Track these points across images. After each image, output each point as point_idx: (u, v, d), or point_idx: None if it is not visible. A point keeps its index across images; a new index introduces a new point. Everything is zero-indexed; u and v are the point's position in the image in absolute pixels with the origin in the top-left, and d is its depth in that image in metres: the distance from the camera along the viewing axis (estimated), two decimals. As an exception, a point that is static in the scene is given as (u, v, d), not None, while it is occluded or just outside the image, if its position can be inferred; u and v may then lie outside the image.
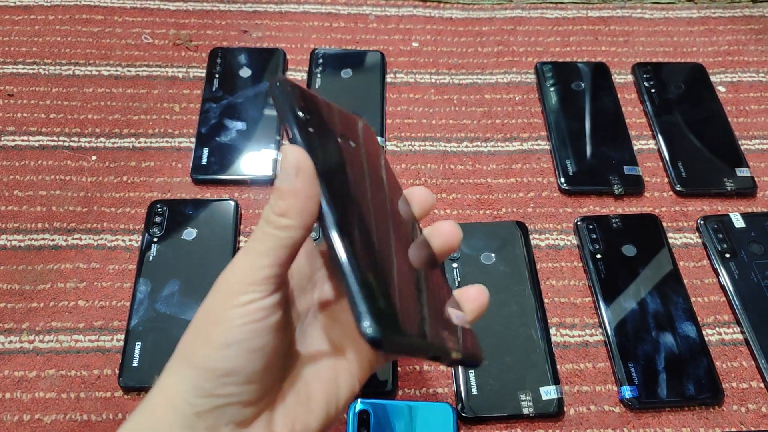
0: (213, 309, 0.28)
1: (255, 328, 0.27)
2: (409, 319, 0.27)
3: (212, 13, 0.71)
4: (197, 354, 0.28)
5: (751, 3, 0.76)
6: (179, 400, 0.28)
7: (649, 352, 0.50)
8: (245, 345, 0.27)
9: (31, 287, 0.52)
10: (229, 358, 0.27)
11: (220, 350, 0.27)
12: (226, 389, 0.27)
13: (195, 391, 0.27)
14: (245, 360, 0.27)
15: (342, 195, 0.28)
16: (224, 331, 0.27)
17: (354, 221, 0.28)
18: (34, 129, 0.61)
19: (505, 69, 0.68)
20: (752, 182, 0.60)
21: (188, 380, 0.28)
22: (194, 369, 0.28)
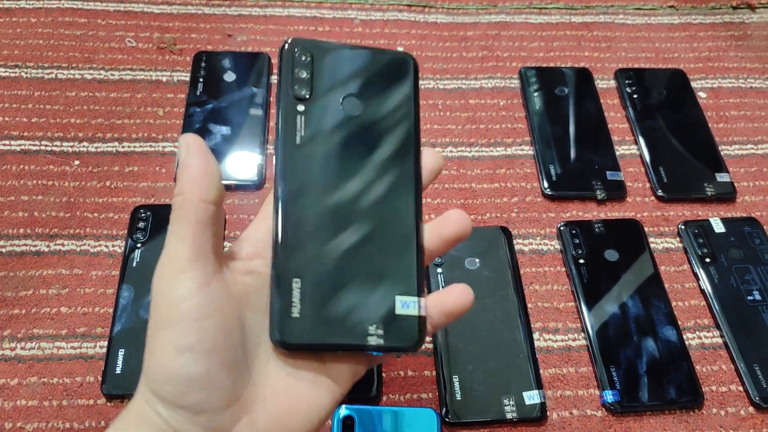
0: (156, 319, 0.27)
1: (205, 326, 0.26)
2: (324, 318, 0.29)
3: (196, 16, 0.71)
4: (154, 367, 0.27)
5: (731, 9, 0.77)
6: (151, 415, 0.27)
7: (631, 357, 0.50)
8: (198, 347, 0.26)
9: (13, 293, 0.51)
10: (185, 365, 0.26)
11: (174, 358, 0.26)
12: (192, 398, 0.26)
13: (163, 404, 0.27)
14: (202, 364, 0.26)
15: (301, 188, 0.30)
16: (173, 338, 0.26)
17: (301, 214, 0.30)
18: (15, 133, 0.60)
19: (489, 74, 0.69)
20: (732, 187, 0.61)
21: (154, 395, 0.27)
22: (156, 383, 0.27)
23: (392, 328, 0.29)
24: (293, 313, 0.29)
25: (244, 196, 0.58)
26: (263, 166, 0.59)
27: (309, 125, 0.31)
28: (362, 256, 0.30)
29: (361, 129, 0.32)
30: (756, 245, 0.57)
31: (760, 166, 0.63)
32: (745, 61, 0.72)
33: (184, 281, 0.27)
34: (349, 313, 0.29)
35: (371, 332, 0.29)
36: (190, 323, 0.26)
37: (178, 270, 0.27)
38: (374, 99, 0.32)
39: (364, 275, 0.30)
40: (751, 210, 0.60)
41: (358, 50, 0.33)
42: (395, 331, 0.30)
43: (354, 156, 0.31)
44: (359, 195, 0.31)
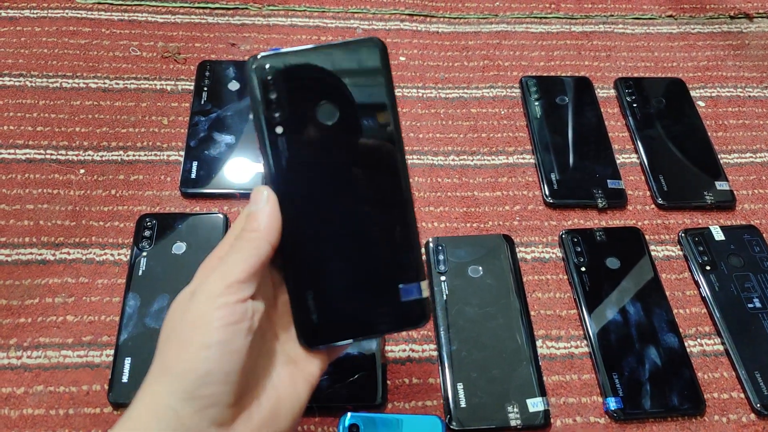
0: (192, 315, 0.30)
1: (233, 329, 0.30)
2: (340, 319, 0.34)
3: (200, 25, 0.71)
4: (178, 358, 0.30)
5: (729, 19, 0.78)
6: (162, 407, 0.29)
7: (633, 364, 0.51)
8: (224, 346, 0.29)
9: (19, 302, 0.51)
10: (209, 359, 0.29)
11: (201, 351, 0.29)
12: (208, 389, 0.29)
13: (177, 395, 0.29)
14: (224, 361, 0.29)
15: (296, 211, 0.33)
16: (204, 333, 0.29)
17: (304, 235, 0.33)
18: (20, 142, 0.60)
19: (490, 83, 0.69)
20: (731, 195, 0.61)
21: (170, 385, 0.29)
22: (175, 373, 0.29)
23: (399, 313, 0.34)
24: (313, 320, 0.33)
25: (249, 205, 0.58)
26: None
27: (290, 144, 0.32)
28: (362, 256, 0.33)
29: (341, 135, 0.33)
30: (756, 253, 0.57)
31: (759, 174, 0.64)
32: (743, 70, 0.73)
33: (228, 293, 0.30)
34: (360, 309, 0.34)
35: (382, 320, 0.34)
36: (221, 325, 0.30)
37: (228, 284, 0.30)
38: (347, 100, 0.32)
39: (367, 273, 0.34)
40: (751, 218, 0.61)
41: (321, 51, 0.32)
42: (402, 315, 0.34)
43: (339, 163, 0.33)
44: (350, 200, 0.33)
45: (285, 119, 0.32)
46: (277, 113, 0.32)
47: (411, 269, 0.34)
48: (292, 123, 0.32)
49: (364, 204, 0.33)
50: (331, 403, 0.48)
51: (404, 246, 0.34)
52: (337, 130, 0.32)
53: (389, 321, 0.34)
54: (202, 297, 0.30)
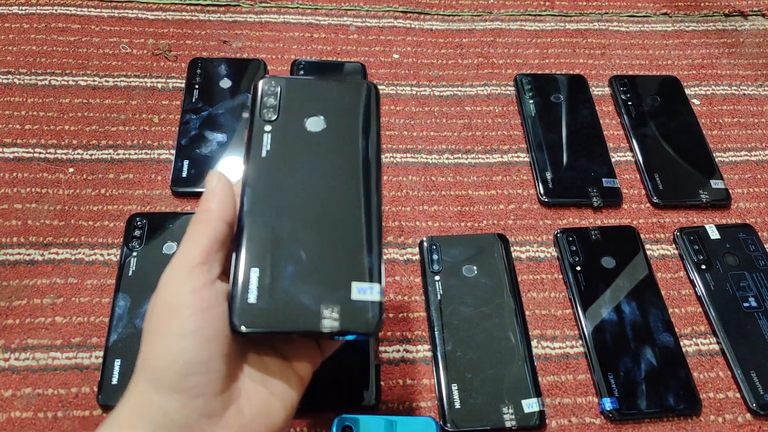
0: (160, 306, 0.30)
1: (207, 316, 0.29)
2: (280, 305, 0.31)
3: (191, 22, 0.70)
4: (156, 352, 0.29)
5: (723, 17, 0.78)
6: (148, 405, 0.28)
7: (629, 364, 0.50)
8: (200, 334, 0.29)
9: (6, 303, 0.51)
10: (187, 349, 0.28)
11: (177, 342, 0.29)
12: (190, 381, 0.28)
13: (161, 391, 0.28)
14: (203, 349, 0.29)
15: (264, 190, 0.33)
16: (177, 323, 0.29)
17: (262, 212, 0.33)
18: (8, 140, 0.59)
19: (484, 81, 0.69)
20: (726, 194, 0.61)
21: (152, 381, 0.29)
22: (155, 368, 0.29)
23: (348, 313, 0.31)
24: (250, 299, 0.31)
25: (241, 204, 0.58)
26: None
27: (274, 140, 0.35)
28: (320, 246, 0.32)
29: (321, 140, 0.35)
30: (751, 252, 0.57)
31: (754, 172, 0.64)
32: (737, 68, 0.72)
33: (192, 277, 0.30)
34: (305, 299, 0.31)
35: (326, 316, 0.31)
36: (193, 312, 0.29)
37: (189, 268, 0.30)
38: (334, 116, 0.36)
39: (322, 264, 0.32)
40: (746, 216, 0.61)
41: (324, 81, 0.38)
42: (351, 315, 0.31)
43: (313, 165, 0.34)
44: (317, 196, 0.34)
45: (275, 119, 0.36)
46: (270, 114, 0.36)
47: (368, 269, 0.32)
48: (281, 124, 0.35)
49: (331, 200, 0.34)
50: (324, 404, 0.47)
51: (365, 245, 0.33)
52: (319, 136, 0.35)
53: (336, 319, 0.31)
54: (168, 287, 0.30)
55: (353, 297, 0.31)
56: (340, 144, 0.35)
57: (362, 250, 0.33)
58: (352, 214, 0.34)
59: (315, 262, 0.32)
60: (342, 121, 0.36)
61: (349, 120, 0.36)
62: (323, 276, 0.32)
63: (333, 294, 0.31)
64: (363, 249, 0.33)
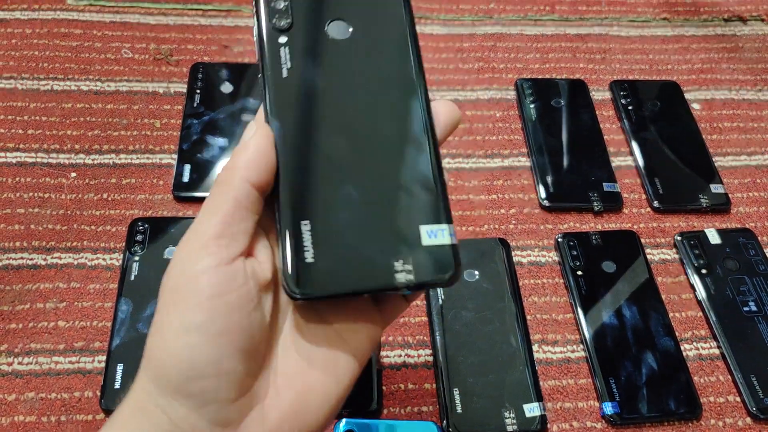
0: (167, 291, 0.25)
1: (217, 305, 0.24)
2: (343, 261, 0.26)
3: (193, 27, 0.71)
4: (159, 347, 0.24)
5: (723, 22, 0.78)
6: (151, 408, 0.24)
7: (630, 368, 0.50)
8: (208, 327, 0.24)
9: (9, 308, 0.51)
10: (192, 345, 0.23)
11: (181, 338, 0.24)
12: (197, 385, 0.24)
13: (165, 393, 0.24)
14: (212, 346, 0.24)
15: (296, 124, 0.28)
16: (182, 312, 0.24)
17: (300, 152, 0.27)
18: (11, 145, 0.60)
19: (485, 85, 0.69)
20: (726, 198, 0.61)
21: (156, 381, 0.24)
22: (159, 367, 0.24)
23: (422, 261, 0.26)
24: (307, 258, 0.26)
25: (243, 209, 0.58)
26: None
27: (294, 57, 0.28)
28: (376, 188, 0.27)
29: (353, 53, 0.29)
30: (751, 256, 0.57)
31: (754, 177, 0.64)
32: (737, 73, 0.73)
33: (203, 256, 0.24)
34: (370, 251, 0.26)
35: (398, 269, 0.26)
36: (201, 300, 0.24)
37: (201, 244, 0.25)
38: (362, 19, 0.29)
39: (381, 209, 0.27)
40: (746, 221, 0.61)
41: None
42: (425, 263, 0.26)
43: (350, 83, 0.29)
44: (362, 123, 0.28)
45: (290, 27, 0.29)
46: (282, 21, 0.29)
47: (435, 209, 0.27)
48: (297, 32, 0.29)
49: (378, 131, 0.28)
50: (327, 409, 0.47)
51: (427, 180, 0.27)
52: (346, 45, 0.29)
53: (410, 270, 0.26)
54: (176, 267, 0.25)
55: (424, 243, 0.26)
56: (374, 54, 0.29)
57: (424, 186, 0.27)
58: (405, 144, 0.28)
59: (373, 206, 0.27)
60: (370, 25, 0.29)
61: (379, 23, 0.30)
62: (385, 221, 0.27)
63: (401, 242, 0.26)
64: (425, 185, 0.27)
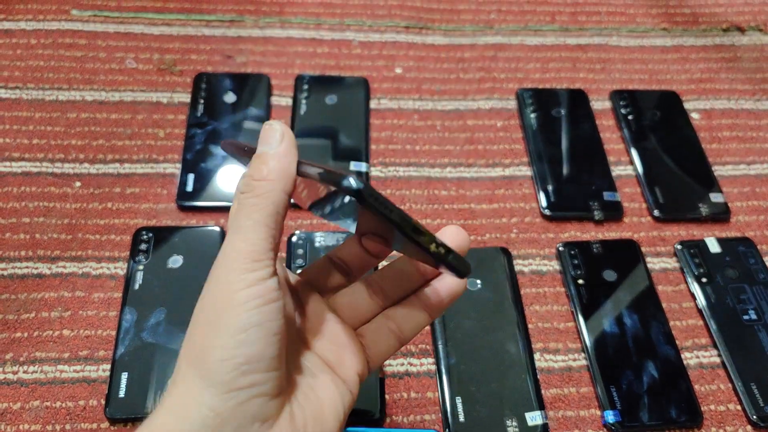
0: (218, 298, 0.27)
1: (270, 309, 0.26)
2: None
3: (196, 38, 0.71)
4: (210, 346, 0.26)
5: (721, 32, 0.79)
6: (196, 406, 0.26)
7: (631, 377, 0.51)
8: (262, 328, 0.26)
9: (15, 317, 0.51)
10: (248, 343, 0.26)
11: (236, 336, 0.26)
12: (248, 379, 0.26)
13: (214, 390, 0.26)
14: (264, 344, 0.26)
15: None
16: (238, 315, 0.26)
17: None
18: (16, 155, 0.60)
19: (486, 95, 0.70)
20: (726, 207, 0.62)
21: (204, 379, 0.26)
22: (209, 366, 0.26)
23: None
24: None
25: (246, 218, 0.58)
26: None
27: None
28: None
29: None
30: (750, 265, 0.58)
31: (753, 186, 0.65)
32: (736, 82, 0.73)
33: (250, 270, 0.26)
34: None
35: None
36: (255, 305, 0.26)
37: (246, 261, 0.27)
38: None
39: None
40: (745, 230, 0.61)
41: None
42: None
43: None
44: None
45: None
46: None
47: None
48: None
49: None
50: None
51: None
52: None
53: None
54: (223, 281, 0.27)
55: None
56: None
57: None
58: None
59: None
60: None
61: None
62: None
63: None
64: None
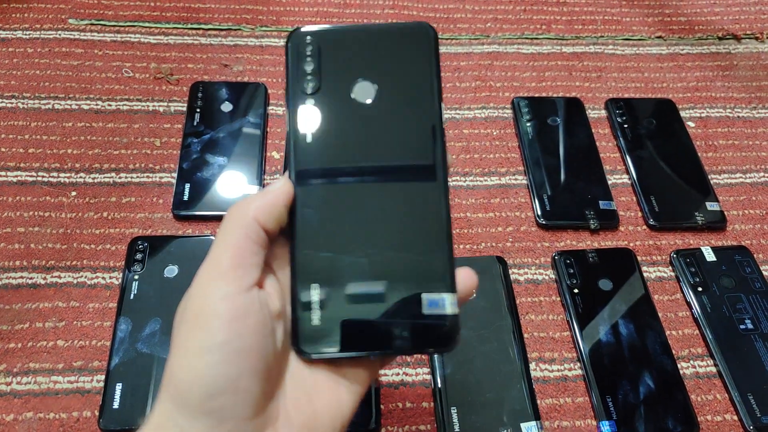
0: (188, 316, 0.27)
1: (239, 326, 0.26)
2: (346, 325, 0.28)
3: (193, 47, 0.71)
4: (179, 365, 0.26)
5: (717, 40, 0.79)
6: (170, 429, 0.26)
7: (627, 386, 0.51)
8: (229, 347, 0.26)
9: (9, 327, 0.51)
10: (213, 364, 0.25)
11: (202, 356, 0.25)
12: (216, 401, 0.25)
13: (184, 412, 0.25)
14: (231, 365, 0.26)
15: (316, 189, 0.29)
16: (203, 334, 0.26)
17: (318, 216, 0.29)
18: (12, 164, 0.60)
19: (482, 104, 0.70)
20: (722, 216, 0.62)
21: (176, 401, 0.26)
22: (179, 386, 0.26)
23: (420, 329, 0.28)
24: (314, 320, 0.28)
25: (241, 227, 0.58)
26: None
27: (320, 120, 0.30)
28: (385, 256, 0.29)
29: (375, 117, 0.30)
30: (747, 274, 0.58)
31: (749, 194, 0.65)
32: (731, 90, 0.73)
33: (222, 283, 0.27)
34: (373, 317, 0.28)
35: (397, 335, 0.28)
36: (222, 322, 0.26)
37: (219, 273, 0.27)
38: (387, 81, 0.30)
39: (387, 275, 0.28)
40: (741, 238, 0.61)
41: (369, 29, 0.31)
42: (424, 332, 0.28)
43: (370, 148, 0.29)
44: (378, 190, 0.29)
45: (316, 91, 0.30)
46: (308, 85, 0.30)
47: (439, 278, 0.28)
48: (323, 96, 0.30)
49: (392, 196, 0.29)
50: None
51: (435, 252, 0.28)
52: (371, 109, 0.30)
53: (407, 338, 0.28)
54: (196, 294, 0.27)
55: (424, 311, 0.28)
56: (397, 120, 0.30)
57: (433, 254, 0.29)
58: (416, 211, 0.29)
59: (380, 273, 0.28)
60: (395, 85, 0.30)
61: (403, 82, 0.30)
62: (391, 289, 0.28)
63: (403, 309, 0.28)
64: (434, 254, 0.29)
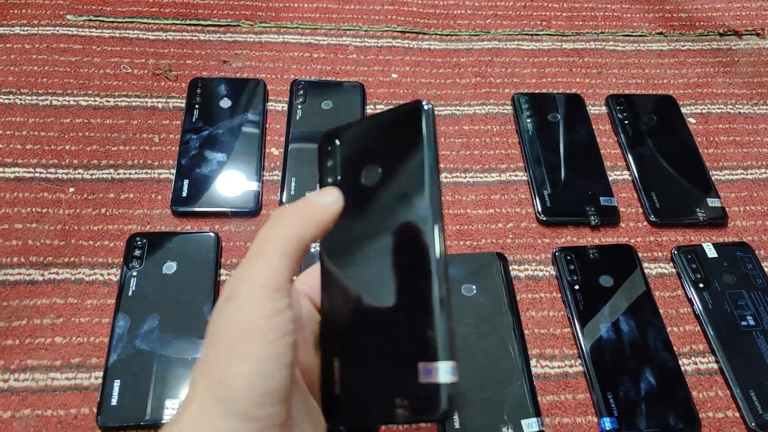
0: (237, 323, 0.27)
1: (285, 342, 0.27)
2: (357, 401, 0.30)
3: (192, 42, 0.71)
4: (232, 373, 0.26)
5: (718, 36, 0.79)
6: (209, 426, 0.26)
7: (628, 383, 0.50)
8: (281, 360, 0.27)
9: (6, 324, 0.51)
10: (268, 374, 0.26)
11: (258, 367, 0.26)
12: (265, 410, 0.26)
13: (232, 418, 0.26)
14: (281, 376, 0.27)
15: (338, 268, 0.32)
16: (258, 346, 0.27)
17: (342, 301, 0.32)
18: (9, 160, 0.60)
19: (482, 100, 0.70)
20: (723, 212, 0.61)
21: (222, 407, 0.26)
22: (229, 394, 0.26)
23: (417, 399, 0.28)
24: (336, 394, 0.30)
25: (241, 223, 0.58)
26: (259, 193, 0.59)
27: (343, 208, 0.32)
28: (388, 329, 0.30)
29: (378, 198, 0.31)
30: (748, 270, 0.57)
31: (750, 191, 0.64)
32: (732, 87, 0.73)
33: (271, 301, 0.27)
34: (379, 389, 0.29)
35: (398, 405, 0.29)
36: (276, 336, 0.27)
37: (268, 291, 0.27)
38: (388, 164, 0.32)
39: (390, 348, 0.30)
40: (743, 235, 0.61)
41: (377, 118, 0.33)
42: (420, 401, 0.28)
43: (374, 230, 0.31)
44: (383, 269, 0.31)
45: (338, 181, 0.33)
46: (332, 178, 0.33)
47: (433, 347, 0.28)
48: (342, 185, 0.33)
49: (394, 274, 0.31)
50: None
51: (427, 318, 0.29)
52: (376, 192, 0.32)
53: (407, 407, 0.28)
54: (244, 305, 0.27)
55: (420, 380, 0.28)
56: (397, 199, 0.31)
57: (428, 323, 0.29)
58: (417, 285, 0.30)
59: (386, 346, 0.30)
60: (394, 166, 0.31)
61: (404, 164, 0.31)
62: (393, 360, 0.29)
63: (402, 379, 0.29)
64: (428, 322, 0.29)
